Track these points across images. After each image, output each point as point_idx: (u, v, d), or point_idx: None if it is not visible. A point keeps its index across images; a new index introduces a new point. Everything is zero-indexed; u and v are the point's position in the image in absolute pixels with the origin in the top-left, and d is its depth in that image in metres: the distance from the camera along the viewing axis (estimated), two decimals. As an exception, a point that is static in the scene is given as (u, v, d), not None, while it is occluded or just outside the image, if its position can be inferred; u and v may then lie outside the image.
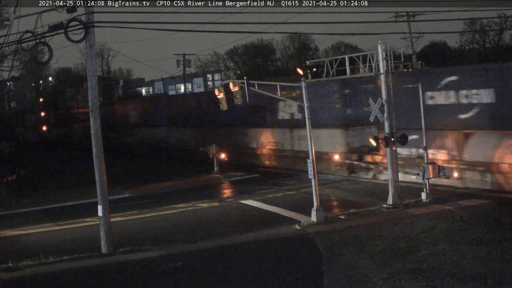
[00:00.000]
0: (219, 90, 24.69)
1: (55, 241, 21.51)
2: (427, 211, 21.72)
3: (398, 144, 23.12)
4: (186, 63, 69.50)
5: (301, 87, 22.00)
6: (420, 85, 24.41)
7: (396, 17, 49.89)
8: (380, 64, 22.91)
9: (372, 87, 30.19)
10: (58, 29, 17.64)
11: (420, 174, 23.63)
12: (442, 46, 79.59)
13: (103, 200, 18.92)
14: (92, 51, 18.86)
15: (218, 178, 35.33)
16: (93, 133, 18.98)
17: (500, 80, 25.15)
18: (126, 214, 25.65)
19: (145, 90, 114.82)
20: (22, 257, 18.02)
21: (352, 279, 14.79)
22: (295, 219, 22.42)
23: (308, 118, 21.76)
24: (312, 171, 21.57)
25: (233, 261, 17.50)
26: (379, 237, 18.51)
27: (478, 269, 14.61)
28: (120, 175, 36.96)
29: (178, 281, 15.79)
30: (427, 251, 16.50)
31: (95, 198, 19.28)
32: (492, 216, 20.33)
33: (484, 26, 72.57)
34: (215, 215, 24.82)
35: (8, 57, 38.20)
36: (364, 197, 25.98)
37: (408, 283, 14.05)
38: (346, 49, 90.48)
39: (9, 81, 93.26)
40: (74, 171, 42.11)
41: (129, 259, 17.93)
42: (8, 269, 17.15)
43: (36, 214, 27.21)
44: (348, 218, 21.70)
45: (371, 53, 23.57)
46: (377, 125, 28.20)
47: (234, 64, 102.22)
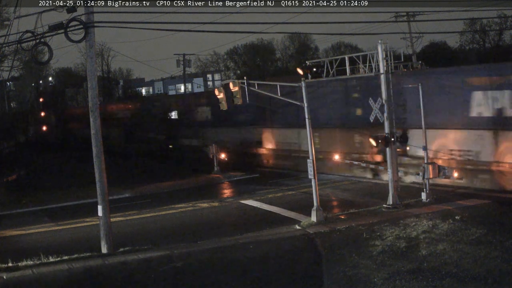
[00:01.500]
0: (219, 90, 24.72)
1: (55, 241, 21.51)
2: (427, 211, 21.71)
3: (398, 144, 23.15)
4: (186, 63, 69.47)
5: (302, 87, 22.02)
6: (420, 85, 24.39)
7: (396, 17, 49.83)
8: (380, 64, 22.93)
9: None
10: (58, 29, 17.63)
11: (420, 174, 23.63)
12: (442, 46, 79.56)
13: (103, 200, 18.92)
14: (92, 51, 18.86)
15: (218, 178, 35.33)
16: (93, 133, 18.97)
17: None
18: (126, 214, 25.65)
19: (145, 90, 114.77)
20: (22, 257, 17.99)
21: (352, 279, 14.79)
22: (295, 219, 22.43)
23: (308, 118, 21.75)
24: (312, 171, 21.56)
25: (233, 261, 17.49)
26: (379, 237, 18.51)
27: (478, 269, 14.61)
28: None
29: (178, 281, 15.80)
30: (427, 251, 16.50)
31: (95, 198, 19.28)
32: (492, 216, 20.33)
33: (484, 26, 72.55)
34: (215, 215, 24.83)
35: (8, 57, 38.18)
36: (364, 197, 25.98)
37: (408, 283, 14.05)
38: (346, 49, 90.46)
39: (9, 81, 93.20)
40: (74, 171, 42.07)
41: (129, 259, 17.92)
42: (8, 269, 17.14)
43: (36, 214, 27.21)
44: (348, 218, 21.70)
45: (371, 53, 23.63)
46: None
47: (234, 64, 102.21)
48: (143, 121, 58.12)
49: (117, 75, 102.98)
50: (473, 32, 74.18)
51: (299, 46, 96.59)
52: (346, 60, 24.67)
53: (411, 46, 53.20)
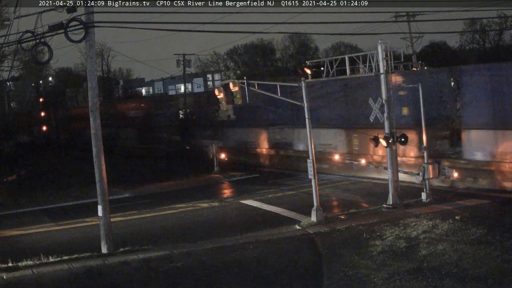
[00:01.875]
0: (219, 90, 24.72)
1: (55, 241, 21.51)
2: (427, 211, 21.71)
3: (398, 144, 23.13)
4: (186, 63, 69.40)
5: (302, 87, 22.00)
6: (420, 85, 24.38)
7: (396, 17, 49.84)
8: (380, 64, 22.92)
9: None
10: (58, 29, 17.63)
11: (420, 174, 23.63)
12: (442, 46, 79.56)
13: (103, 200, 18.92)
14: (92, 51, 18.85)
15: (218, 178, 35.34)
16: (93, 133, 18.96)
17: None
18: (126, 214, 25.64)
19: (145, 90, 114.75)
20: (22, 257, 17.99)
21: (352, 279, 14.79)
22: (295, 219, 22.42)
23: (308, 118, 21.75)
24: (312, 171, 21.56)
25: (233, 261, 17.49)
26: (379, 237, 18.51)
27: (478, 269, 14.61)
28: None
29: (178, 281, 15.79)
30: (427, 251, 16.50)
31: (95, 198, 19.28)
32: (492, 216, 20.33)
33: (484, 26, 72.56)
34: (215, 215, 24.83)
35: (8, 57, 38.24)
36: (364, 197, 25.98)
37: (408, 283, 14.05)
38: (346, 49, 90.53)
39: (9, 81, 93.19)
40: (74, 171, 42.08)
41: (129, 259, 17.91)
42: (8, 269, 17.13)
43: (36, 214, 27.19)
44: (348, 218, 21.70)
45: (371, 53, 23.58)
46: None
47: (234, 64, 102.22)
48: (156, 121, 55.88)
49: (117, 75, 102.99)
50: (473, 32, 74.21)
51: (299, 46, 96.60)
52: (346, 60, 24.61)
53: (411, 46, 53.21)
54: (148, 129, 56.65)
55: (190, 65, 73.02)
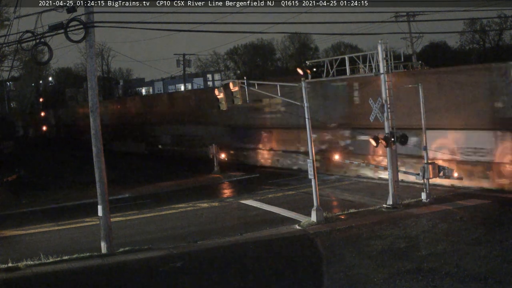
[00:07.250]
0: (219, 90, 24.71)
1: (55, 241, 21.52)
2: (427, 211, 21.71)
3: (399, 144, 23.11)
4: (186, 63, 69.53)
5: (301, 87, 21.99)
6: (420, 85, 24.36)
7: (396, 17, 49.91)
8: (380, 64, 22.92)
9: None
10: (58, 29, 17.64)
11: (420, 174, 23.62)
12: (442, 46, 79.62)
13: (103, 200, 18.92)
14: (92, 51, 18.86)
15: (218, 178, 35.33)
16: (93, 133, 18.97)
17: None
18: (126, 214, 25.64)
19: (145, 90, 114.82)
20: (22, 257, 18.01)
21: (353, 279, 14.78)
22: (295, 219, 22.41)
23: (308, 118, 21.74)
24: (312, 171, 21.55)
25: (233, 261, 17.49)
26: (379, 237, 18.51)
27: (478, 269, 14.61)
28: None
29: (178, 281, 15.79)
30: (427, 251, 16.50)
31: (95, 198, 19.29)
32: (492, 216, 20.33)
33: (484, 26, 72.63)
34: (215, 215, 24.82)
35: (8, 57, 38.17)
36: (364, 197, 25.97)
37: (408, 283, 14.04)
38: (346, 49, 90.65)
39: (9, 81, 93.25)
40: (74, 171, 42.07)
41: (129, 259, 17.92)
42: (8, 269, 17.15)
43: (36, 214, 27.19)
44: (348, 218, 21.69)
45: (371, 53, 23.59)
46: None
47: (234, 64, 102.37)
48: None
49: (117, 75, 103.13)
50: (473, 32, 74.28)
51: (299, 46, 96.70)
52: (346, 60, 24.61)
53: (411, 46, 53.26)
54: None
55: (190, 65, 73.18)
